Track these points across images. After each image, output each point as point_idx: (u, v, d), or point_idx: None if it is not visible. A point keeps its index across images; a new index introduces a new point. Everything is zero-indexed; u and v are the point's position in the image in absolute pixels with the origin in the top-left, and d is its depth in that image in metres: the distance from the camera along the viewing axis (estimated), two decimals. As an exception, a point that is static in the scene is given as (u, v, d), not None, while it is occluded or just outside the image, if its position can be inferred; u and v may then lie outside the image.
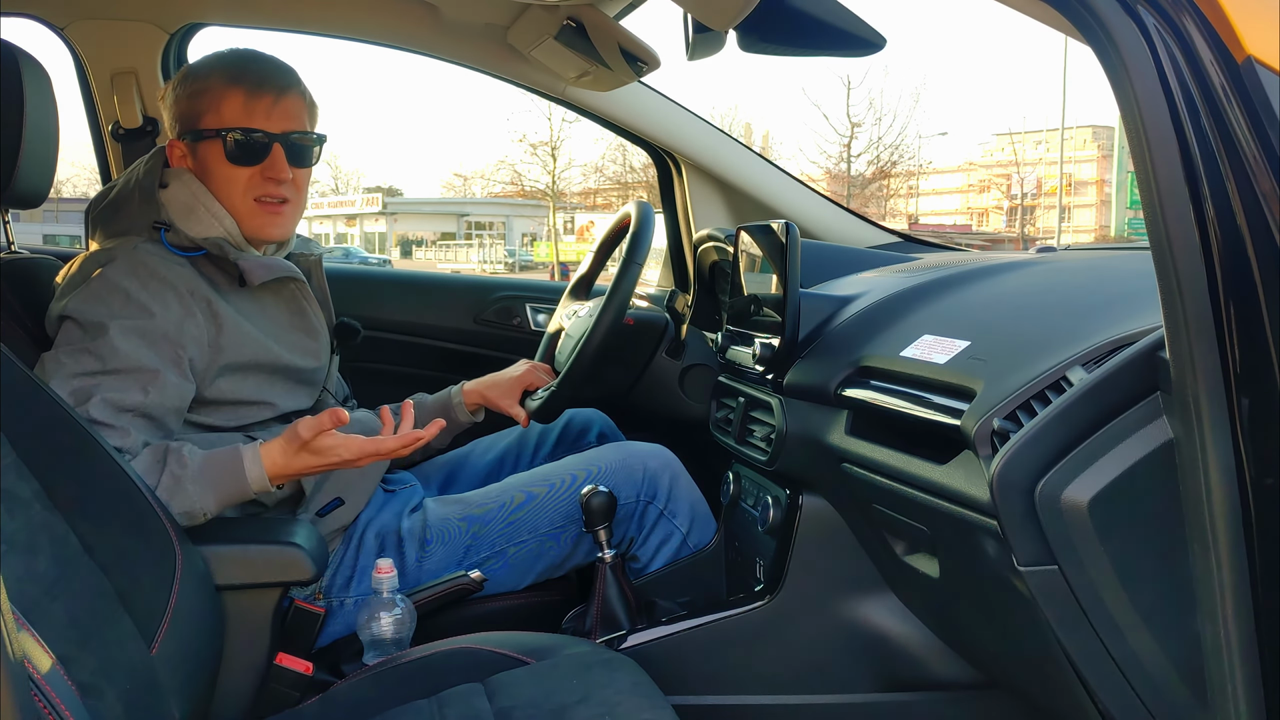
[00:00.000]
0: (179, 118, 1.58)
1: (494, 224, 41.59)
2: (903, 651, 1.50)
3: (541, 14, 1.88)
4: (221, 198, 1.55)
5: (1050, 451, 1.03)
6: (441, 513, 1.66)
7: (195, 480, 1.37)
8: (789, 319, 1.50)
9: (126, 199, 1.57)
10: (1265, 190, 0.88)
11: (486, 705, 1.18)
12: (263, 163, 1.54)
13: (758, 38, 1.18)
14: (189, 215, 1.53)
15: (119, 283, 1.45)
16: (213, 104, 1.54)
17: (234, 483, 1.40)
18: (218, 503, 1.39)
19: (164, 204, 1.54)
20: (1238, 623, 0.92)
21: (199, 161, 1.56)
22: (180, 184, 1.56)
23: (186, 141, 1.57)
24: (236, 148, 1.53)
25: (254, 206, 1.56)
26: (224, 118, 1.53)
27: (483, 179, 36.56)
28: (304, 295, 1.64)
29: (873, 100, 46.03)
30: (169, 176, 1.57)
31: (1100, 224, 41.47)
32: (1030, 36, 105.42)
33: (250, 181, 1.54)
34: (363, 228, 41.33)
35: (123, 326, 1.42)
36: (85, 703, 0.94)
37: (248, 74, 1.55)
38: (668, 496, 1.72)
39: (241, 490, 1.41)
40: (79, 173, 30.06)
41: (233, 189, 1.55)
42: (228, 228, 1.55)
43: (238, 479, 1.40)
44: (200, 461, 1.39)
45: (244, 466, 1.40)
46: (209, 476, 1.39)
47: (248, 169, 1.54)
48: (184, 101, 1.57)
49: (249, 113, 1.53)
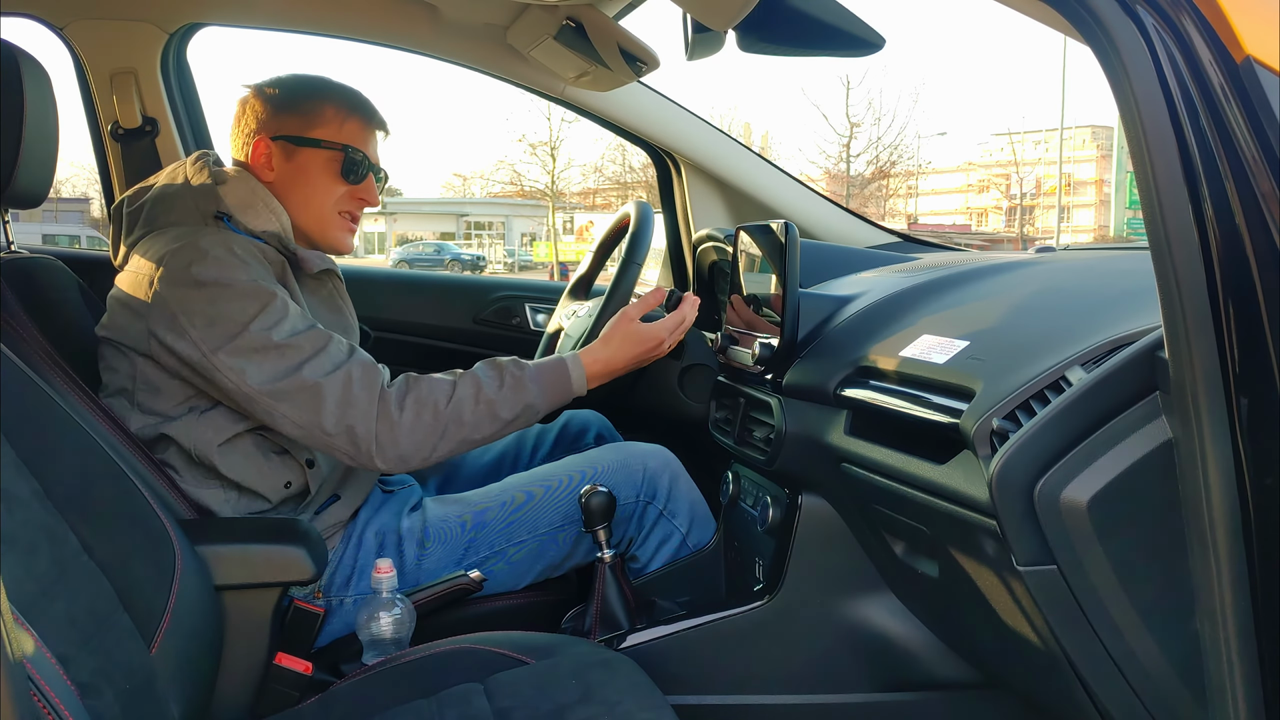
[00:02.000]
0: (274, 119, 1.62)
1: (493, 224, 41.58)
2: (903, 651, 1.50)
3: (541, 14, 1.88)
4: (306, 203, 1.62)
5: (1049, 451, 1.03)
6: (441, 512, 1.66)
7: (534, 380, 1.55)
8: (788, 319, 1.50)
9: (179, 193, 1.59)
10: (1264, 190, 0.88)
11: (486, 705, 1.18)
12: (362, 184, 1.65)
13: (757, 38, 1.19)
14: (248, 209, 1.58)
15: (233, 277, 1.47)
16: (329, 120, 1.62)
17: (561, 384, 1.58)
18: (549, 402, 1.56)
19: (222, 197, 1.58)
20: (1237, 623, 0.92)
21: (290, 163, 1.61)
22: (239, 180, 1.60)
23: (282, 143, 1.61)
24: (351, 165, 1.63)
25: (338, 218, 1.66)
26: (345, 135, 1.63)
27: (482, 179, 36.57)
28: (340, 294, 1.71)
29: (872, 100, 46.11)
30: (226, 174, 1.61)
31: (1099, 224, 41.47)
32: (1030, 36, 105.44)
33: (344, 197, 1.64)
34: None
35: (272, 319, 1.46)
36: (84, 703, 0.94)
37: (365, 107, 1.67)
38: (667, 496, 1.72)
39: (566, 392, 1.58)
40: (78, 173, 30.05)
41: (326, 198, 1.63)
42: (284, 225, 1.60)
43: (564, 380, 1.58)
44: (534, 367, 1.57)
45: (569, 371, 1.58)
46: (544, 378, 1.56)
47: (349, 186, 1.64)
48: (288, 107, 1.62)
49: (365, 139, 1.65)
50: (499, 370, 1.55)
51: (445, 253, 30.76)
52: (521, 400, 1.53)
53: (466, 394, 1.51)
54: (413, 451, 1.48)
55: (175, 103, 2.31)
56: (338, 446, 1.47)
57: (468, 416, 1.50)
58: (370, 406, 1.46)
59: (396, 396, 1.48)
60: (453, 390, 1.51)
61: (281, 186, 1.61)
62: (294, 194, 1.62)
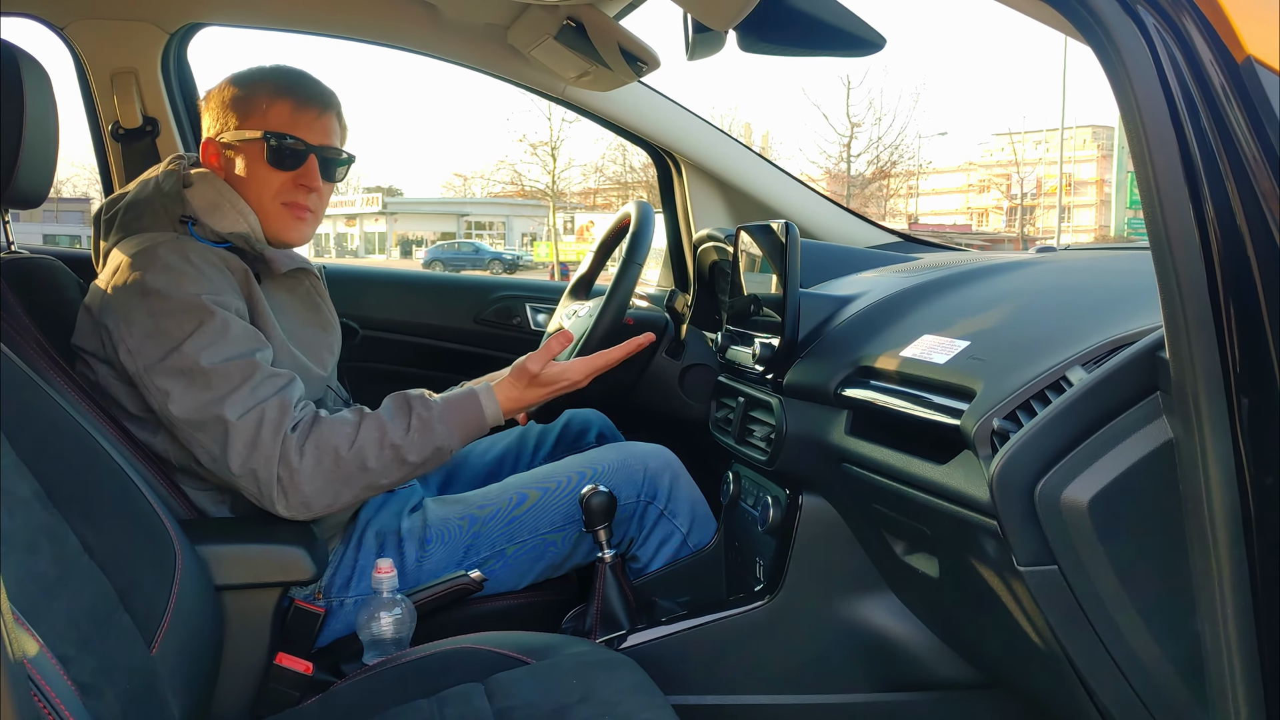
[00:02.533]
0: (220, 119, 1.60)
1: (494, 224, 41.59)
2: (903, 651, 1.50)
3: (541, 14, 1.88)
4: (250, 198, 1.59)
5: (1050, 451, 1.03)
6: (441, 513, 1.66)
7: (442, 420, 1.50)
8: (789, 319, 1.50)
9: (149, 199, 1.58)
10: (1265, 190, 0.88)
11: (486, 705, 1.18)
12: (298, 170, 1.59)
13: (758, 38, 1.18)
14: (214, 211, 1.56)
15: (179, 289, 1.45)
16: (259, 109, 1.58)
17: (474, 420, 1.53)
18: (461, 439, 1.52)
19: (188, 200, 1.57)
20: (1238, 623, 0.92)
21: (233, 162, 1.59)
22: (205, 182, 1.59)
23: (223, 141, 1.60)
24: (277, 152, 1.57)
25: (281, 210, 1.60)
26: (269, 123, 1.58)
27: (483, 179, 36.55)
28: (318, 291, 1.68)
29: (872, 100, 46.10)
30: (193, 177, 1.59)
31: (1100, 224, 41.45)
32: (1030, 36, 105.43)
33: (283, 186, 1.59)
34: (362, 228, 41.33)
35: (206, 340, 1.43)
36: (85, 703, 0.94)
37: (297, 88, 1.61)
38: (668, 497, 1.72)
39: (480, 427, 1.54)
40: (79, 173, 30.08)
41: (264, 190, 1.59)
42: (252, 225, 1.58)
43: (477, 417, 1.54)
44: (442, 405, 1.52)
45: (481, 406, 1.54)
46: (453, 417, 1.51)
47: (283, 174, 1.58)
48: (228, 104, 1.60)
49: (294, 122, 1.58)
50: (406, 411, 1.49)
51: (484, 253, 30.20)
52: (430, 443, 1.48)
53: (370, 439, 1.46)
54: (314, 497, 1.44)
55: (176, 103, 2.31)
56: (244, 488, 1.44)
57: (372, 463, 1.45)
58: (273, 450, 1.42)
59: (298, 441, 1.43)
60: (355, 434, 1.45)
61: (237, 186, 1.59)
62: (243, 192, 1.59)
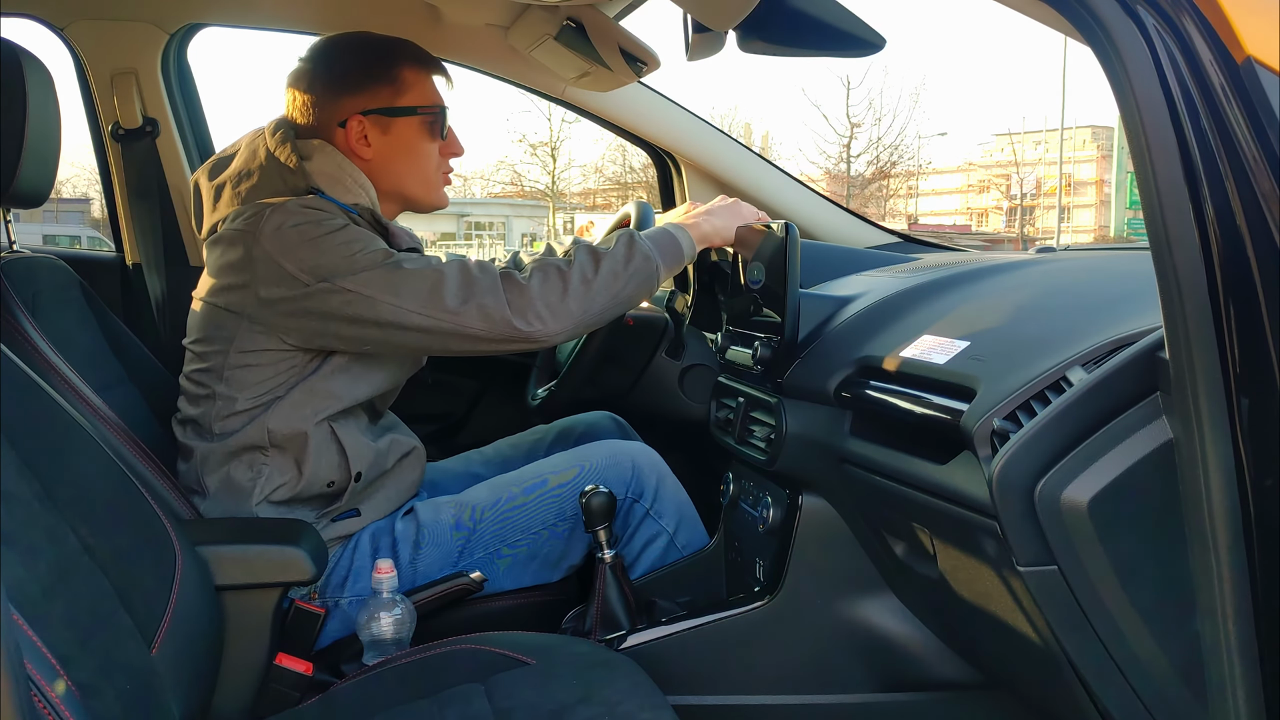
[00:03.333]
0: (368, 95, 1.60)
1: (494, 224, 41.55)
2: (903, 651, 1.50)
3: (541, 14, 1.88)
4: (410, 171, 1.64)
5: (1050, 452, 1.03)
6: (433, 514, 1.66)
7: (642, 239, 1.58)
8: (789, 319, 1.50)
9: (266, 169, 1.58)
10: (1265, 190, 0.88)
11: (486, 705, 1.18)
12: (448, 138, 1.67)
13: (758, 38, 1.18)
14: (336, 184, 1.58)
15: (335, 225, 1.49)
16: (415, 83, 1.62)
17: (670, 243, 1.61)
18: (664, 259, 1.59)
19: (309, 173, 1.57)
20: (1238, 623, 0.92)
21: (386, 137, 1.61)
22: (324, 156, 1.59)
23: (376, 117, 1.60)
24: (439, 124, 1.64)
25: (441, 177, 1.68)
26: (429, 96, 1.64)
27: (483, 179, 36.54)
28: None
29: (872, 100, 46.04)
30: (310, 150, 1.59)
31: (1100, 224, 41.43)
32: (1030, 36, 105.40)
33: (438, 155, 1.66)
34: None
35: (379, 249, 1.48)
36: (85, 703, 0.94)
37: (432, 59, 1.66)
38: (654, 496, 1.71)
39: (677, 250, 1.62)
40: (79, 173, 30.03)
41: (429, 163, 1.65)
42: (372, 198, 1.60)
43: (671, 240, 1.61)
44: (649, 242, 1.59)
45: (671, 233, 1.62)
46: (652, 240, 1.59)
47: (439, 143, 1.65)
48: (374, 79, 1.61)
49: (441, 92, 1.66)
50: (605, 239, 1.59)
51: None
52: (638, 252, 1.55)
53: (583, 258, 1.54)
54: (548, 310, 1.48)
55: (176, 103, 2.31)
56: (468, 325, 1.47)
57: (590, 273, 1.52)
58: (494, 282, 1.48)
59: (517, 272, 1.51)
60: (570, 259, 1.54)
61: (381, 161, 1.61)
62: (396, 165, 1.62)
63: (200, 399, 1.59)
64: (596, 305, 1.53)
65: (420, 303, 1.46)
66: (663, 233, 1.62)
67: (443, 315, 1.46)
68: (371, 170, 1.61)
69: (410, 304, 1.46)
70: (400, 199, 1.66)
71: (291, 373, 1.55)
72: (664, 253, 1.59)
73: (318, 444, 1.55)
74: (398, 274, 1.47)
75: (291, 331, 1.52)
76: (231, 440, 1.55)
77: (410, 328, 1.47)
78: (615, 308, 1.56)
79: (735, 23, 1.16)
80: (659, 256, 1.58)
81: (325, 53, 1.64)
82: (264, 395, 1.55)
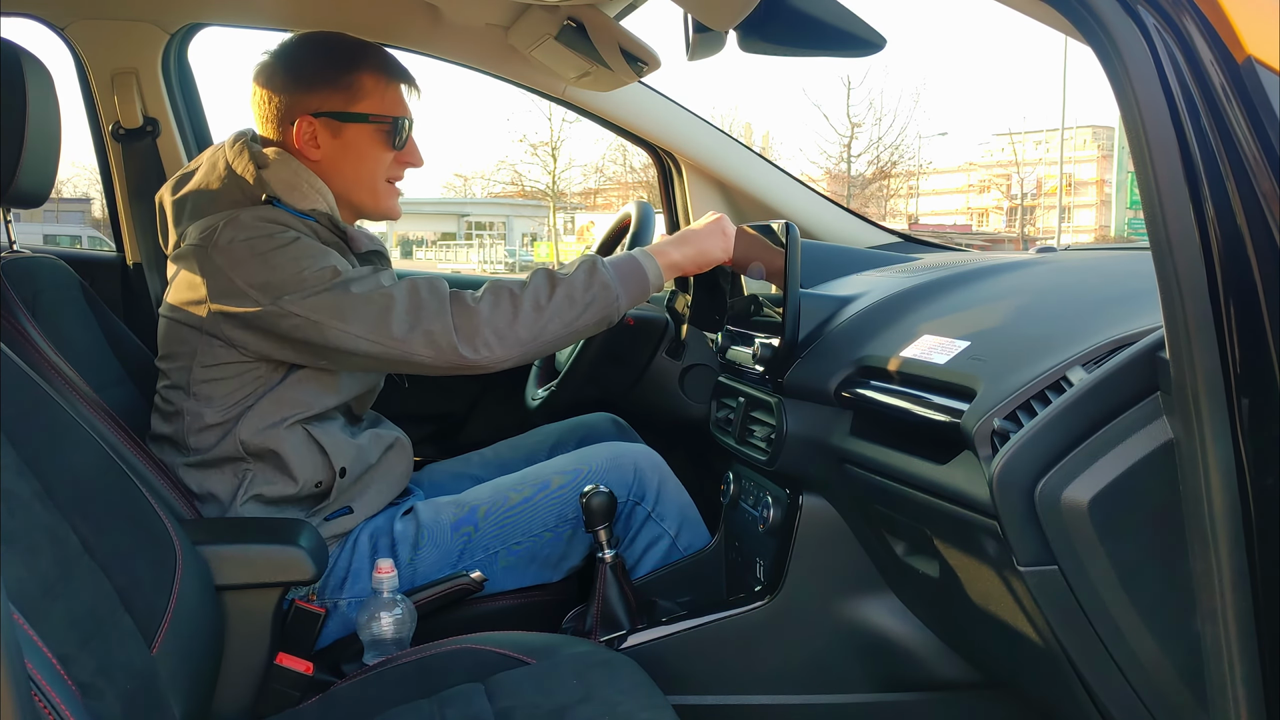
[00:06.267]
0: (320, 97, 1.60)
1: (494, 224, 41.56)
2: (903, 651, 1.50)
3: (542, 14, 1.88)
4: (356, 178, 1.63)
5: (1050, 452, 1.03)
6: (433, 515, 1.65)
7: (605, 267, 1.54)
8: (789, 319, 1.50)
9: (224, 182, 1.58)
10: (1265, 190, 0.88)
11: (487, 705, 1.18)
12: (405, 148, 1.66)
13: (758, 38, 1.18)
14: (293, 191, 1.57)
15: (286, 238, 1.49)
16: (374, 90, 1.61)
17: (636, 273, 1.57)
18: (626, 292, 1.56)
19: (267, 181, 1.57)
20: (1238, 623, 0.92)
21: (336, 141, 1.61)
22: (280, 162, 1.59)
23: (326, 120, 1.60)
24: (394, 133, 1.62)
25: (388, 187, 1.67)
26: (387, 105, 1.62)
27: (483, 179, 36.60)
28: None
29: (873, 100, 46.17)
30: (266, 159, 1.59)
31: (1100, 224, 41.45)
32: (1030, 36, 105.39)
33: (390, 164, 1.65)
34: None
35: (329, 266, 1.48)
36: (85, 703, 0.94)
37: (399, 69, 1.66)
38: (656, 498, 1.71)
39: (643, 283, 1.58)
40: (79, 173, 30.04)
41: (377, 170, 1.64)
42: (329, 202, 1.60)
43: (636, 269, 1.58)
44: (612, 270, 1.55)
45: (640, 263, 1.58)
46: (616, 269, 1.55)
47: (393, 153, 1.64)
48: (328, 81, 1.60)
49: (404, 102, 1.65)
50: (567, 265, 1.56)
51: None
52: (596, 281, 1.52)
53: (539, 282, 1.52)
54: (495, 337, 1.47)
55: (176, 103, 2.31)
56: (414, 353, 1.46)
57: (543, 300, 1.50)
58: (443, 305, 1.47)
59: (469, 294, 1.50)
60: (526, 280, 1.53)
61: (329, 164, 1.61)
62: (343, 170, 1.62)
63: (170, 415, 1.59)
64: (548, 333, 1.51)
65: (367, 328, 1.46)
66: (629, 260, 1.59)
67: (389, 342, 1.46)
68: (320, 173, 1.61)
69: (357, 329, 1.46)
70: (347, 205, 1.65)
71: (258, 383, 1.55)
72: (626, 282, 1.55)
73: (296, 448, 1.55)
74: (345, 298, 1.46)
75: (248, 344, 1.52)
76: (208, 455, 1.55)
77: (358, 353, 1.48)
78: (569, 336, 1.53)
79: (736, 22, 1.16)
80: (619, 286, 1.54)
81: (289, 50, 1.64)
82: (233, 408, 1.54)
